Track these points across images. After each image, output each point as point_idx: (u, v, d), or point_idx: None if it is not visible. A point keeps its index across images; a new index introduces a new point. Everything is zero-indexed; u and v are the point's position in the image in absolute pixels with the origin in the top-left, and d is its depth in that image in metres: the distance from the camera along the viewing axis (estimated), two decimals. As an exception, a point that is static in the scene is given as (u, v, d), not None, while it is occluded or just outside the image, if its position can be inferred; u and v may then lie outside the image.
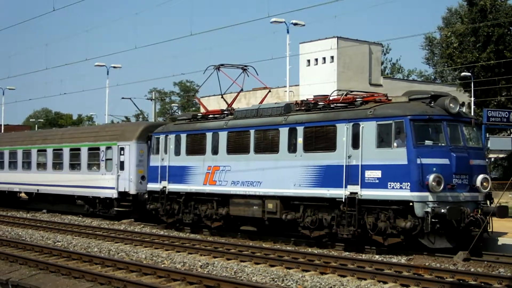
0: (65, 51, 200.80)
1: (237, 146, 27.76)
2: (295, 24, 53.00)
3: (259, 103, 29.59)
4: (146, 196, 32.48)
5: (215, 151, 28.63)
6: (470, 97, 65.85)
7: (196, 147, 29.63)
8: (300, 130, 24.92)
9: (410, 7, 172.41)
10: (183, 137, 30.24)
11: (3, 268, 19.92)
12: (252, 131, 27.00)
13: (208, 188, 28.77)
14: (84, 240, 27.04)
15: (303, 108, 25.60)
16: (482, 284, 16.99)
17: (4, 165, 46.01)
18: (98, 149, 36.56)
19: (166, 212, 30.95)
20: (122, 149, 34.60)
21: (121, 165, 34.48)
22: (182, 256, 22.07)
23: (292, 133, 25.27)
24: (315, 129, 24.47)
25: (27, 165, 43.59)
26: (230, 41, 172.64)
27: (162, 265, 20.12)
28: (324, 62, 73.83)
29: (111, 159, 35.32)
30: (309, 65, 75.23)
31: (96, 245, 25.21)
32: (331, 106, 24.55)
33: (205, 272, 18.99)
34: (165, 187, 30.77)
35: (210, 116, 30.39)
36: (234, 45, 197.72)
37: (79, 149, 38.32)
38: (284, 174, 25.38)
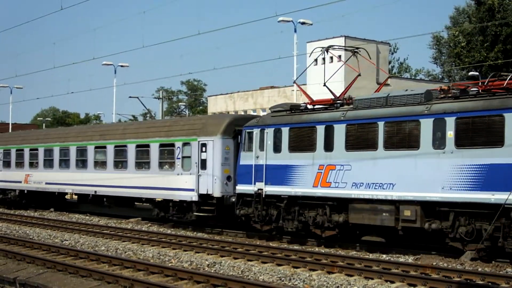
0: (72, 50, 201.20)
1: (359, 141, 23.67)
2: (303, 23, 53.00)
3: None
4: (234, 200, 28.37)
5: (328, 147, 24.58)
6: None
7: (302, 143, 25.59)
8: (450, 121, 20.91)
9: (418, 6, 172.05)
10: (285, 131, 26.13)
11: (11, 267, 19.98)
12: (380, 124, 22.88)
13: (320, 191, 24.65)
14: (91, 239, 27.10)
15: (450, 95, 21.82)
16: (490, 284, 16.95)
17: (54, 164, 41.48)
18: (172, 145, 32.09)
19: (261, 219, 26.97)
20: (203, 145, 30.16)
21: (203, 164, 30.10)
22: (189, 255, 22.11)
23: (439, 125, 21.24)
24: (473, 120, 20.50)
25: (82, 163, 39.08)
26: (237, 40, 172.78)
27: (169, 264, 20.16)
28: (332, 61, 73.68)
29: (189, 157, 30.95)
30: (316, 64, 75.06)
31: (103, 244, 25.26)
32: (493, 92, 20.64)
33: (212, 271, 19.01)
34: (261, 189, 26.72)
35: (319, 106, 26.49)
36: (242, 44, 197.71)
37: (147, 146, 33.84)
38: (426, 175, 21.38)
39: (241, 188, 27.77)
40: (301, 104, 27.14)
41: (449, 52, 74.27)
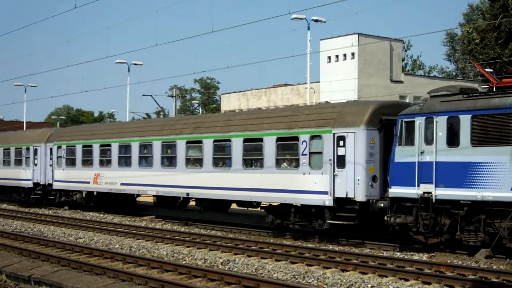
0: (86, 48, 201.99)
1: None
2: (316, 20, 52.83)
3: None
4: (381, 205, 23.52)
5: None
6: (492, 93, 65.41)
7: (493, 134, 20.59)
8: None
9: (431, 3, 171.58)
10: (465, 119, 20.99)
11: (26, 265, 20.06)
12: None
13: None
14: (105, 236, 27.16)
15: None
16: (505, 281, 16.88)
17: (132, 161, 35.74)
18: (295, 138, 26.59)
19: (428, 229, 21.76)
20: (341, 138, 24.80)
21: (340, 161, 24.76)
22: (203, 253, 22.13)
23: None
24: None
25: (169, 161, 33.39)
26: (250, 38, 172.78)
27: (183, 262, 20.19)
28: (345, 58, 73.54)
29: (320, 153, 25.52)
30: (329, 61, 74.97)
31: (117, 241, 25.32)
32: None
33: (226, 269, 19.04)
34: (429, 192, 21.60)
35: None
36: (255, 42, 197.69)
37: (259, 140, 28.18)
38: None
39: (397, 191, 22.69)
40: (483, 86, 23.11)
41: (463, 49, 74.10)
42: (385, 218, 23.04)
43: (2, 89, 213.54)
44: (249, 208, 31.20)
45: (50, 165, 42.06)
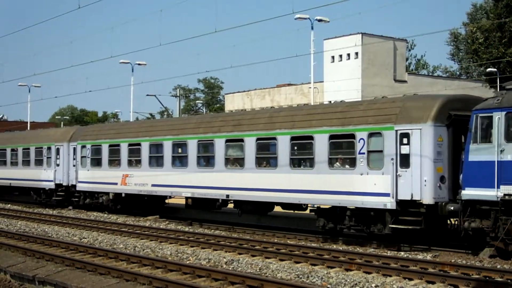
0: (90, 48, 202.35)
1: None
2: (320, 20, 52.84)
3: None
4: (453, 208, 21.63)
5: None
6: (496, 93, 65.35)
7: None
8: None
9: (435, 3, 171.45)
10: None
11: (30, 264, 20.08)
12: None
13: None
14: (109, 236, 27.18)
15: None
16: (509, 281, 16.86)
17: (164, 162, 33.38)
18: (350, 136, 24.66)
19: (509, 234, 19.93)
20: (404, 135, 22.88)
21: (404, 160, 22.88)
22: (207, 253, 22.13)
23: None
24: None
25: (205, 161, 31.22)
26: (254, 38, 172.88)
27: (187, 262, 20.19)
28: (349, 58, 73.57)
29: (380, 151, 23.61)
30: (333, 61, 74.99)
31: (121, 241, 25.33)
32: None
33: (230, 268, 19.02)
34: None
35: None
36: (259, 42, 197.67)
37: (310, 138, 26.14)
38: None
39: (472, 193, 20.67)
40: None
41: (467, 48, 73.97)
42: (455, 222, 21.73)
43: (6, 89, 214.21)
44: (296, 211, 29.20)
45: (74, 165, 40.41)
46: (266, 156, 28.32)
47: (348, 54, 73.23)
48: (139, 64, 69.37)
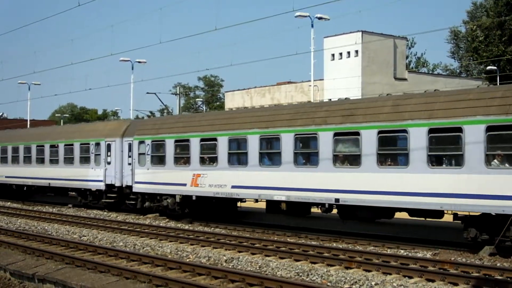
0: (90, 46, 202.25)
1: None
2: (320, 18, 52.85)
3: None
4: None
5: None
6: (496, 91, 65.39)
7: None
8: None
9: (435, 1, 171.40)
10: None
11: (30, 262, 20.09)
12: None
13: None
14: (109, 234, 27.17)
15: None
16: (509, 279, 16.85)
17: (249, 159, 28.51)
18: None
19: None
20: None
21: None
22: (207, 251, 22.12)
23: None
24: None
25: (305, 158, 26.40)
26: (254, 35, 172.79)
27: (187, 260, 20.18)
28: (349, 56, 73.53)
29: None
30: (333, 59, 74.94)
31: (121, 239, 25.32)
32: None
33: (230, 266, 19.02)
34: None
35: None
36: (259, 40, 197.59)
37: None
38: None
39: None
40: None
41: (467, 46, 74.06)
42: None
43: (6, 87, 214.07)
44: (427, 219, 24.27)
45: (129, 164, 35.60)
46: (391, 153, 23.41)
47: (348, 52, 73.17)
48: (139, 62, 69.42)
